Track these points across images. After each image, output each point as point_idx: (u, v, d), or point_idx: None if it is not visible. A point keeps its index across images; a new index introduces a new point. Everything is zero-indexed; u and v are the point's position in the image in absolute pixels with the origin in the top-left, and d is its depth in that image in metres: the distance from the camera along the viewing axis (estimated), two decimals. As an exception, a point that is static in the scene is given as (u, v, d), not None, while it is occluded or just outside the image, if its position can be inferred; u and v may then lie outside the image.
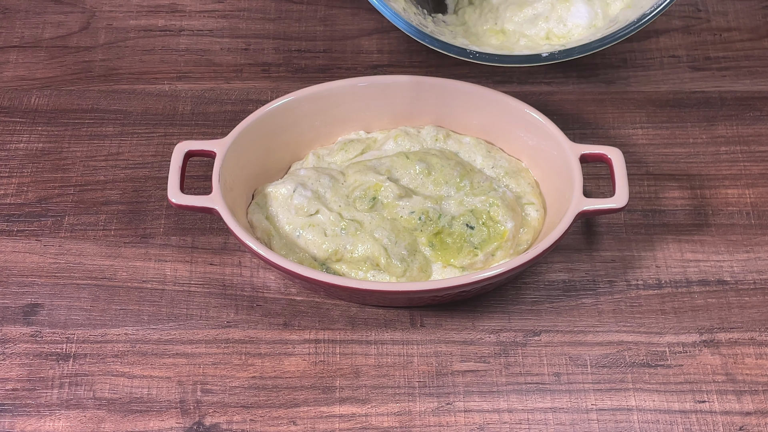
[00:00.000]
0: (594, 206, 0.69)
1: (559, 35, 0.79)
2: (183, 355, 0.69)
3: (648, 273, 0.72)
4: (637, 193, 0.76)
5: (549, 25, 0.79)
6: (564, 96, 0.81)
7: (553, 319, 0.70)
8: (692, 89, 0.82)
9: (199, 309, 0.71)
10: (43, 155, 0.78)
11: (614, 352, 0.69)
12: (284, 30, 0.86)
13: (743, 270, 0.73)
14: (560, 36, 0.79)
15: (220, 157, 0.70)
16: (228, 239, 0.74)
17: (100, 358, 0.68)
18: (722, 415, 0.66)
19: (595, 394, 0.67)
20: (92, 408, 0.67)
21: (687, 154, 0.78)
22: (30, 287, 0.72)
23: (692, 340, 0.69)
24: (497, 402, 0.67)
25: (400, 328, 0.70)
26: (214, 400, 0.67)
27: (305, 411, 0.67)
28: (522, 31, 0.80)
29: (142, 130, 0.80)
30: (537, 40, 0.79)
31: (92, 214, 0.75)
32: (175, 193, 0.69)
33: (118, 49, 0.84)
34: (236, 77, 0.83)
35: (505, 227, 0.70)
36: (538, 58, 0.74)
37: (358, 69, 0.83)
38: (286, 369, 0.68)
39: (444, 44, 0.73)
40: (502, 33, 0.80)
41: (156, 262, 0.73)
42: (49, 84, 0.82)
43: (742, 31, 0.85)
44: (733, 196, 0.76)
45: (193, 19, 0.87)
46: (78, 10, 0.87)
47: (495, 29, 0.80)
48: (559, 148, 0.71)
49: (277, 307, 0.71)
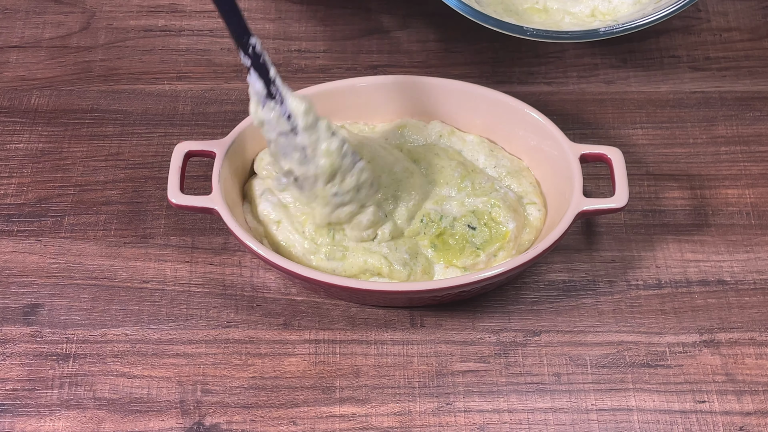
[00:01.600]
0: (594, 206, 0.68)
1: (605, 12, 0.78)
2: (183, 355, 0.69)
3: (648, 273, 0.72)
4: (637, 193, 0.76)
5: (594, 2, 0.78)
6: (564, 96, 0.81)
7: (553, 319, 0.70)
8: (692, 89, 0.82)
9: (199, 309, 0.71)
10: (43, 155, 0.78)
11: (614, 352, 0.69)
12: (284, 30, 0.86)
13: (743, 270, 0.72)
14: (605, 13, 0.78)
15: (220, 158, 0.70)
16: (228, 239, 0.74)
17: (100, 359, 0.68)
18: (722, 415, 0.67)
19: (595, 395, 0.67)
20: (92, 408, 0.67)
21: (687, 154, 0.78)
22: (30, 287, 0.71)
23: (692, 340, 0.69)
24: (497, 402, 0.67)
25: (400, 329, 0.70)
26: (214, 401, 0.67)
27: (305, 411, 0.67)
28: (566, 9, 0.78)
29: (142, 130, 0.79)
30: (582, 17, 0.78)
31: (92, 214, 0.75)
32: (175, 194, 0.69)
33: (118, 49, 0.84)
34: (236, 77, 0.83)
35: (506, 228, 0.70)
36: (596, 33, 0.73)
37: (358, 69, 0.83)
38: (286, 369, 0.68)
39: (499, 22, 0.72)
40: (544, 11, 0.79)
41: (156, 262, 0.73)
42: (49, 84, 0.82)
43: (742, 31, 0.85)
44: (733, 197, 0.76)
45: (193, 19, 0.86)
46: (78, 10, 0.87)
47: (537, 8, 0.79)
48: (559, 148, 0.71)
49: (277, 307, 0.71)
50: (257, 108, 0.66)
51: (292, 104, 0.65)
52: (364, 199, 0.69)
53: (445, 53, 0.84)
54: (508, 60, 0.84)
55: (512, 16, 0.78)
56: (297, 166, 0.67)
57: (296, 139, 0.66)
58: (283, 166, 0.68)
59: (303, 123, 0.65)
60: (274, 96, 0.65)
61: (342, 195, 0.67)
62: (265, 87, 0.65)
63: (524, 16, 0.79)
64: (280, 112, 0.65)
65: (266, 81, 0.65)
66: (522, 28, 0.72)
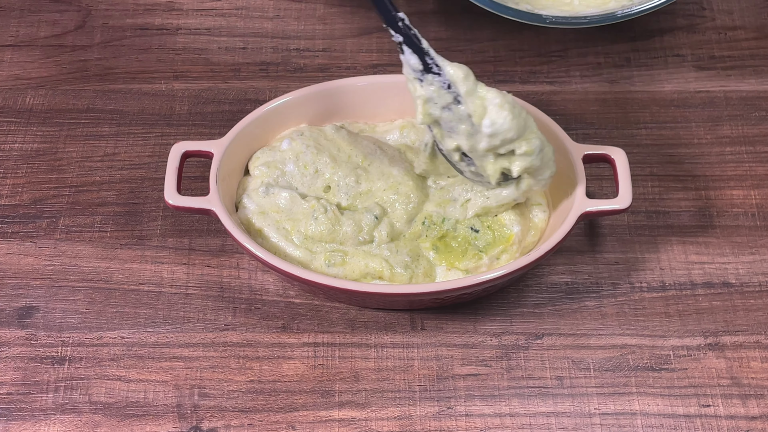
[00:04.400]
0: (597, 207, 0.68)
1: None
2: (180, 358, 0.68)
3: (652, 275, 0.72)
4: (641, 194, 0.76)
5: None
6: (567, 96, 0.81)
7: (556, 322, 0.70)
8: (697, 89, 0.82)
9: (197, 312, 0.70)
10: (38, 156, 0.78)
11: (617, 355, 0.69)
12: (283, 29, 0.86)
13: (748, 272, 0.72)
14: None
15: (218, 158, 0.70)
16: (225, 241, 0.73)
17: (95, 362, 0.68)
18: (727, 419, 0.66)
19: (598, 398, 0.67)
20: (88, 412, 0.66)
21: (691, 154, 0.78)
22: (25, 290, 0.71)
23: (697, 344, 0.69)
24: (499, 406, 0.67)
25: (401, 331, 0.70)
26: (212, 405, 0.67)
27: (304, 415, 0.66)
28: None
29: (139, 130, 0.79)
30: (597, 0, 0.78)
31: (88, 215, 0.75)
32: (171, 194, 0.69)
33: (114, 48, 0.84)
34: (234, 76, 0.82)
35: (511, 231, 0.70)
36: (613, 16, 0.73)
37: (357, 68, 0.83)
38: (285, 373, 0.68)
39: (518, 12, 0.72)
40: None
41: (153, 264, 0.72)
42: (44, 83, 0.82)
43: (747, 30, 0.85)
44: (739, 197, 0.76)
45: (190, 17, 0.86)
46: (74, 8, 0.87)
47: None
48: (561, 148, 0.71)
49: (275, 309, 0.70)
50: (416, 87, 0.66)
51: (450, 72, 0.65)
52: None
53: (445, 52, 0.83)
54: (510, 59, 0.83)
55: (527, 3, 0.77)
56: (465, 140, 0.66)
57: (460, 109, 0.65)
58: (449, 145, 0.67)
59: (464, 89, 0.65)
60: (431, 68, 0.65)
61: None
62: (421, 61, 0.65)
63: (537, 2, 0.78)
64: (440, 84, 0.65)
65: (420, 54, 0.65)
66: (541, 16, 0.72)
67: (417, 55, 0.65)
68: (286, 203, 0.70)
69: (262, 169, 0.71)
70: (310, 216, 0.69)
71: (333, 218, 0.69)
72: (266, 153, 0.72)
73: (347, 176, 0.71)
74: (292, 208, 0.70)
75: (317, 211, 0.69)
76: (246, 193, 0.71)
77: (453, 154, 0.68)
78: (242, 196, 0.71)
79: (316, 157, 0.71)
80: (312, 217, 0.69)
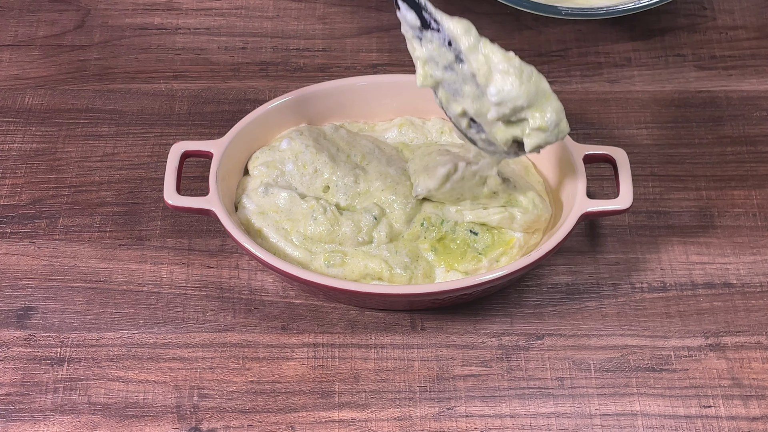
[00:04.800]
0: (598, 208, 0.68)
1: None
2: (179, 359, 0.68)
3: (653, 276, 0.72)
4: (642, 194, 0.76)
5: None
6: (567, 95, 0.81)
7: (556, 323, 0.70)
8: (698, 88, 0.82)
9: (196, 312, 0.70)
10: (37, 156, 0.78)
11: (618, 356, 0.68)
12: (282, 28, 0.85)
13: (750, 272, 0.72)
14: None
15: (217, 158, 0.70)
16: (225, 241, 0.73)
17: (95, 363, 0.68)
18: (728, 420, 0.66)
19: (599, 399, 0.67)
20: (87, 413, 0.66)
21: (692, 154, 0.78)
22: (24, 290, 0.71)
23: (698, 344, 0.69)
24: (499, 407, 0.66)
25: (401, 332, 0.69)
26: (211, 405, 0.66)
27: (304, 416, 0.66)
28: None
29: (138, 130, 0.79)
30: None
31: (87, 215, 0.75)
32: (171, 195, 0.68)
33: (113, 48, 0.84)
34: (233, 76, 0.82)
35: (512, 235, 0.69)
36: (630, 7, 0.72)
37: (357, 68, 0.83)
38: (285, 373, 0.68)
39: (534, 4, 0.72)
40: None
41: (152, 264, 0.72)
42: (43, 83, 0.82)
43: (748, 30, 0.85)
44: (740, 198, 0.76)
45: (189, 17, 0.86)
46: (73, 8, 0.87)
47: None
48: (562, 148, 0.71)
49: (275, 310, 0.70)
50: (414, 46, 0.63)
51: (449, 26, 0.62)
52: None
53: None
54: (510, 59, 0.83)
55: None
56: (471, 103, 0.63)
57: (463, 68, 0.62)
58: (455, 109, 0.64)
59: (466, 44, 0.61)
60: (428, 24, 0.62)
61: None
62: (418, 16, 0.62)
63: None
64: (439, 41, 0.62)
65: (417, 9, 0.62)
66: (557, 8, 0.72)
67: (414, 10, 0.61)
68: (286, 203, 0.70)
69: (262, 169, 0.71)
70: (310, 216, 0.69)
71: (332, 219, 0.69)
72: (265, 153, 0.72)
73: (346, 176, 0.71)
74: (291, 209, 0.70)
75: (316, 211, 0.69)
76: (245, 193, 0.71)
77: (461, 121, 0.65)
78: (242, 196, 0.71)
79: (315, 157, 0.71)
80: (311, 217, 0.69)
